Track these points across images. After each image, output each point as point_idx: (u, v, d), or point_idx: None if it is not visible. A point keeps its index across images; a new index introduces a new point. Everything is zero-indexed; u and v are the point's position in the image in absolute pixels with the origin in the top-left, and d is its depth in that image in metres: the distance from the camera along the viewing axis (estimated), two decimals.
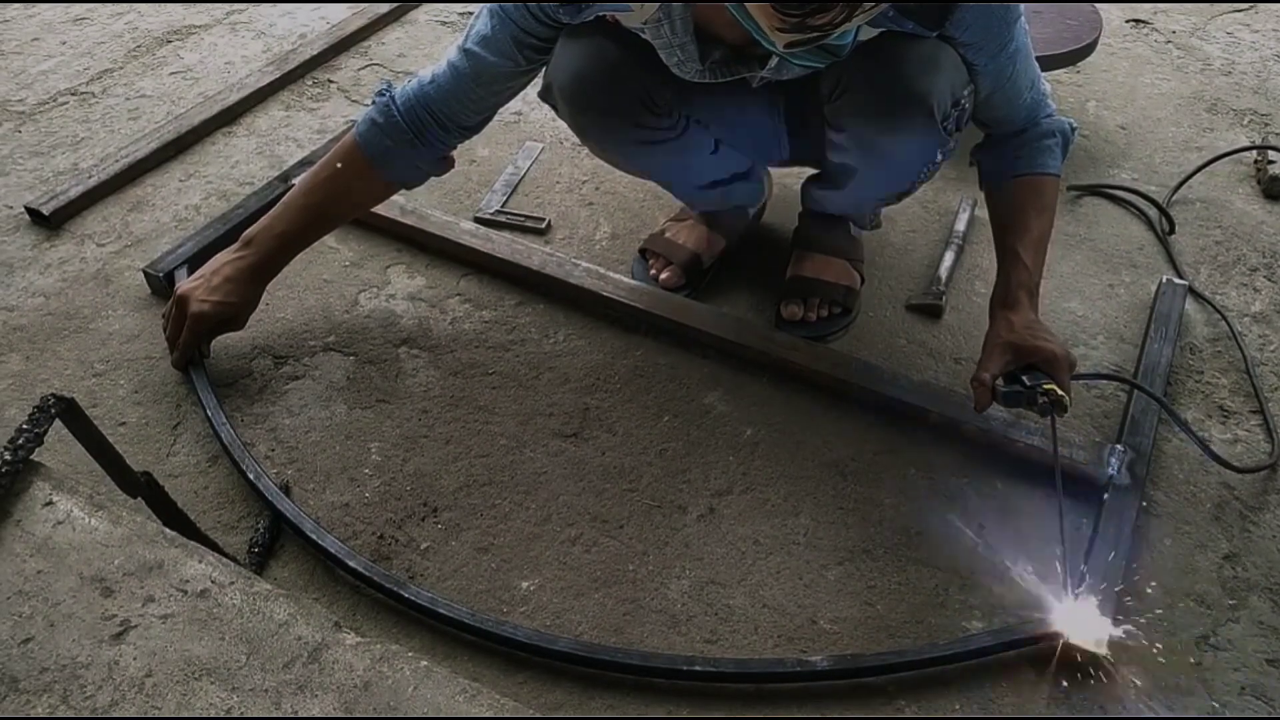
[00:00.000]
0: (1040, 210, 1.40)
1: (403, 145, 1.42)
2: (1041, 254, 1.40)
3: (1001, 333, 1.33)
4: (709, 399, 1.50)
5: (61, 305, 1.62)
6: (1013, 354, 1.31)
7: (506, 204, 1.84)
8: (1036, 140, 1.40)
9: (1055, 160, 1.41)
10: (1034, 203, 1.40)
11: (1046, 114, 1.41)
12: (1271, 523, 1.35)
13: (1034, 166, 1.40)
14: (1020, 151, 1.41)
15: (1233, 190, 1.93)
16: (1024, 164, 1.40)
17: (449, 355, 1.55)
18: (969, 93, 1.34)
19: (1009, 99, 1.36)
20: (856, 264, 1.65)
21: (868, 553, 1.31)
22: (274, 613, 0.86)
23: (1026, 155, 1.40)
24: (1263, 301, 1.69)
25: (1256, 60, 2.31)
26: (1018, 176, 1.41)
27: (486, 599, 1.25)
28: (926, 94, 1.28)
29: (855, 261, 1.65)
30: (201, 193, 1.86)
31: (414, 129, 1.40)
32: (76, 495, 0.93)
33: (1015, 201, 1.40)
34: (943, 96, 1.29)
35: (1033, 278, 1.37)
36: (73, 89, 2.12)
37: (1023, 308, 1.35)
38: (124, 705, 0.80)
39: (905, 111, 1.31)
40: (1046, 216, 1.41)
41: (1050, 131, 1.40)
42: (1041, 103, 1.41)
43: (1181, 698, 1.16)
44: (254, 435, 1.43)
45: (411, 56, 2.25)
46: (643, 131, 1.43)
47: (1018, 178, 1.41)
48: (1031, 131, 1.40)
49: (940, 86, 1.28)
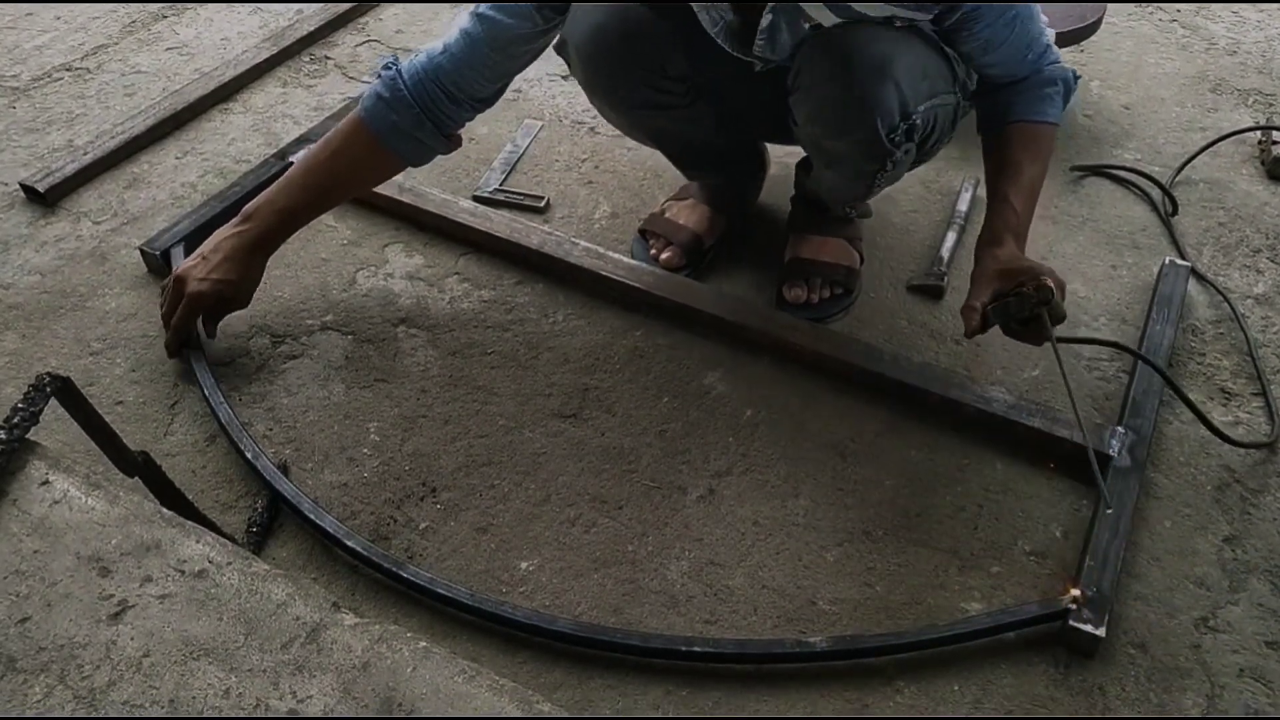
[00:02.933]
0: (1034, 157, 1.37)
1: (410, 122, 1.39)
2: (1032, 200, 1.37)
3: (988, 265, 1.31)
4: (709, 380, 1.49)
5: (57, 283, 1.61)
6: (1000, 279, 1.28)
7: (505, 182, 1.83)
8: (1037, 88, 1.38)
9: (1054, 108, 1.39)
10: (1028, 149, 1.37)
11: (1049, 62, 1.39)
12: (1272, 505, 1.35)
13: (1031, 113, 1.38)
14: (1018, 98, 1.38)
15: (1236, 171, 1.92)
16: (1021, 110, 1.38)
17: (447, 335, 1.55)
18: (931, 107, 1.33)
19: (1008, 58, 1.35)
20: (854, 242, 1.64)
21: (867, 534, 1.31)
22: (272, 593, 0.86)
23: (1024, 102, 1.38)
24: (1266, 283, 1.68)
25: (1262, 40, 2.29)
26: (1013, 123, 1.38)
27: (485, 579, 1.25)
28: (871, 108, 1.27)
29: (853, 240, 1.63)
30: (198, 170, 1.84)
31: (422, 104, 1.38)
32: (73, 475, 0.93)
33: (1010, 147, 1.38)
34: (889, 109, 1.28)
35: (1021, 222, 1.35)
36: (67, 64, 2.10)
37: (1008, 245, 1.32)
38: (122, 685, 0.79)
39: (846, 124, 1.31)
40: (1040, 164, 1.39)
41: (1051, 79, 1.38)
42: (1044, 54, 1.38)
43: (1180, 679, 1.17)
44: (252, 414, 1.43)
45: (410, 33, 2.22)
46: (654, 94, 1.42)
47: (1013, 124, 1.38)
48: (1032, 79, 1.38)
49: (887, 99, 1.27)
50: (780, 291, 1.59)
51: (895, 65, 1.26)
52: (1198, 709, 1.14)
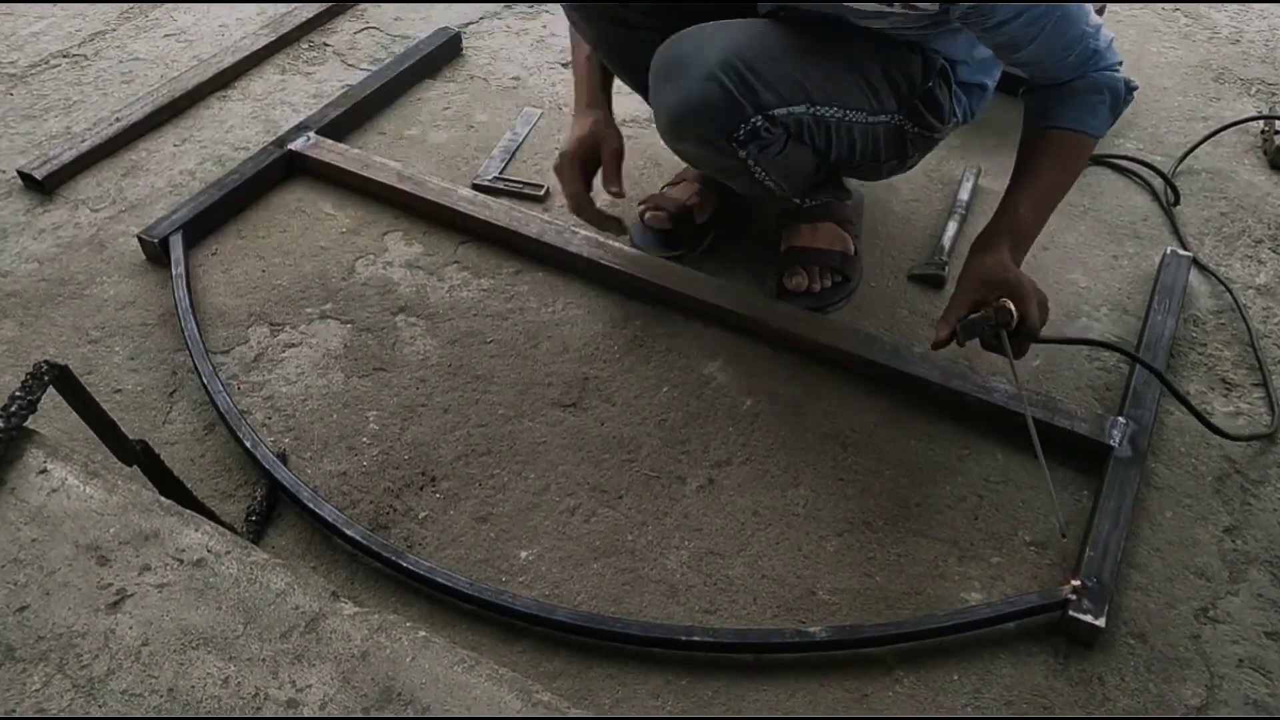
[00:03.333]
0: (1057, 165, 1.33)
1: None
2: (1045, 209, 1.34)
3: (970, 272, 1.30)
4: (709, 369, 1.49)
5: (55, 271, 1.61)
6: (978, 290, 1.27)
7: (505, 171, 1.82)
8: (1079, 94, 1.31)
9: (1094, 118, 1.32)
10: (1053, 157, 1.33)
11: (1101, 67, 1.31)
12: (1272, 496, 1.34)
13: (1065, 120, 1.32)
14: (1057, 103, 1.33)
15: (1239, 161, 1.91)
16: (1056, 116, 1.33)
17: (447, 323, 1.54)
18: (812, 115, 1.33)
19: (1040, 58, 1.29)
20: (845, 225, 1.62)
21: (867, 524, 1.30)
22: (271, 582, 0.85)
23: (1061, 108, 1.32)
24: (1267, 273, 1.67)
25: (1265, 28, 2.28)
26: (1047, 128, 1.34)
27: (485, 568, 1.25)
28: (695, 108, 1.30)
29: (843, 223, 1.61)
30: (196, 157, 1.83)
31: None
32: (71, 463, 0.92)
33: (1036, 152, 1.34)
34: (717, 113, 1.29)
35: (1023, 227, 1.31)
36: (65, 51, 2.09)
37: (999, 250, 1.29)
38: (120, 674, 0.79)
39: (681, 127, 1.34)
40: (1064, 173, 1.34)
41: (1096, 87, 1.31)
42: (1095, 56, 1.30)
43: (1180, 670, 1.17)
44: (251, 403, 1.42)
45: (409, 20, 2.21)
46: (619, 8, 1.42)
47: (1047, 129, 1.34)
48: (1075, 84, 1.31)
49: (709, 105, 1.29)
50: (780, 281, 1.59)
51: (732, 64, 1.27)
52: (1197, 699, 1.14)
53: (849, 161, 1.46)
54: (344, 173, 1.74)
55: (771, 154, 1.38)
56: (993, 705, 1.14)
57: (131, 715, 0.77)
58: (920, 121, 1.42)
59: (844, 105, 1.35)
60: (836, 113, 1.35)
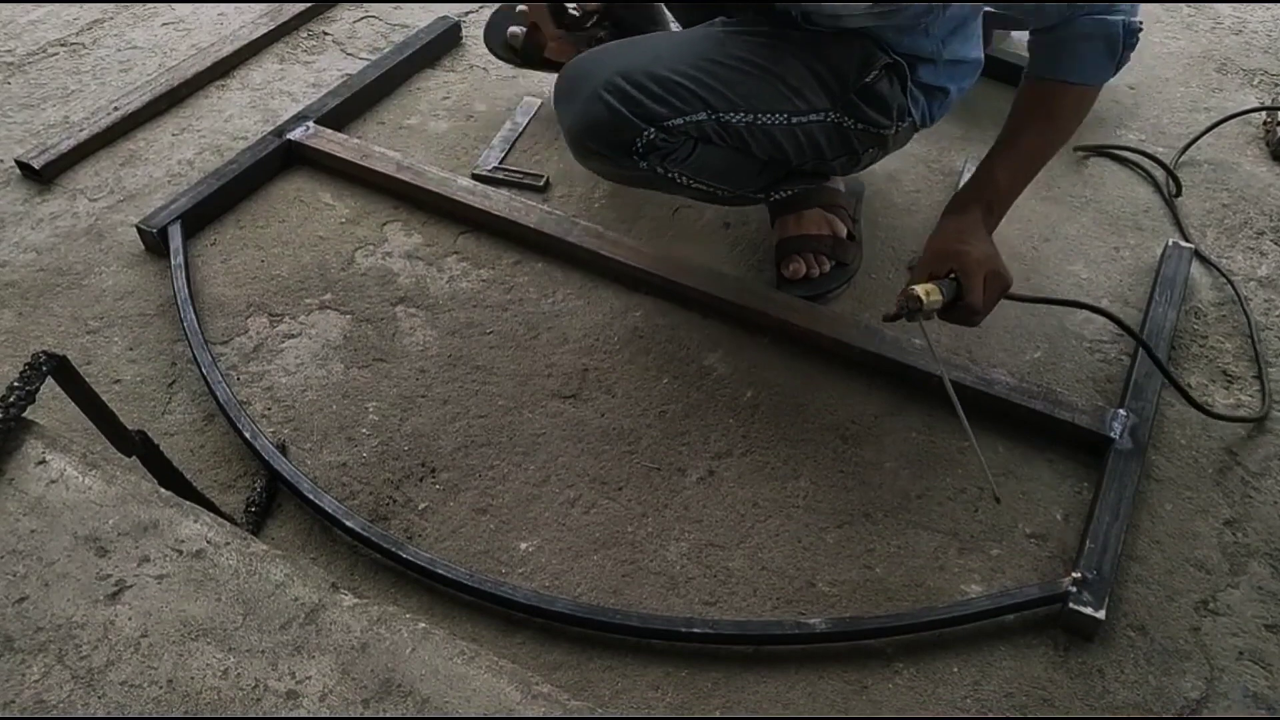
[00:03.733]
0: (1041, 120, 1.26)
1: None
2: (1024, 169, 1.28)
3: (933, 240, 1.27)
4: (709, 360, 1.48)
5: (54, 261, 1.60)
6: (931, 262, 1.24)
7: (504, 161, 1.82)
8: (1068, 41, 1.22)
9: (1085, 66, 1.23)
10: (1035, 111, 1.27)
11: (1091, 12, 1.20)
12: (1273, 488, 1.34)
13: (1049, 70, 1.24)
14: (1041, 50, 1.25)
15: (1241, 152, 1.90)
16: (1039, 65, 1.25)
17: (446, 314, 1.54)
18: (696, 121, 1.32)
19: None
20: (834, 209, 1.59)
21: (867, 516, 1.30)
22: (271, 573, 0.85)
23: (1048, 57, 1.24)
24: (1269, 265, 1.67)
25: (1268, 19, 2.27)
26: (1034, 79, 1.27)
27: (485, 560, 1.25)
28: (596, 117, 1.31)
29: (830, 207, 1.59)
30: (195, 147, 1.83)
31: None
32: (70, 454, 0.92)
33: (1017, 108, 1.29)
34: (608, 129, 1.31)
35: (999, 190, 1.27)
36: (62, 40, 2.08)
37: (968, 216, 1.26)
38: (120, 665, 0.79)
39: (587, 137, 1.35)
40: (1048, 128, 1.27)
41: (1087, 33, 1.20)
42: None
43: (1179, 662, 1.17)
44: (250, 394, 1.42)
45: (408, 9, 2.20)
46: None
47: (1034, 80, 1.27)
48: (1063, 30, 1.21)
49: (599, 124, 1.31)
50: (778, 271, 1.58)
51: (616, 83, 1.28)
52: (1197, 692, 1.14)
53: (785, 160, 1.44)
54: (343, 162, 1.74)
55: (680, 160, 1.37)
56: (992, 697, 1.14)
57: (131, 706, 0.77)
58: (862, 118, 1.38)
59: (753, 110, 1.33)
60: (746, 117, 1.34)
